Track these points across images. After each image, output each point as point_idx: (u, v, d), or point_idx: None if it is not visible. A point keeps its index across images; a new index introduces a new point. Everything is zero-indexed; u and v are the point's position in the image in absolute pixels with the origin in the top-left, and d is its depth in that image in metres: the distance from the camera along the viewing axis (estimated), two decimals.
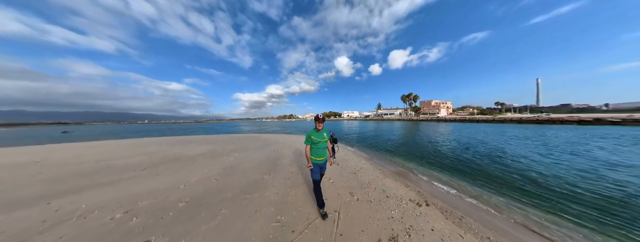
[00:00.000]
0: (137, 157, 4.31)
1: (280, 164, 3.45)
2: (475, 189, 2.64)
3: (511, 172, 3.28)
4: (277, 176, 2.70)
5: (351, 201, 1.93)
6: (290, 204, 1.84)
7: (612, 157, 4.26)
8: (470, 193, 2.48)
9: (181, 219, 1.63)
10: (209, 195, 2.08)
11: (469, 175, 3.23)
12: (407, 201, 1.97)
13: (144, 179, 2.71)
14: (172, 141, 7.43)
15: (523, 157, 4.38)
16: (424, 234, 1.42)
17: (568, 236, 1.63)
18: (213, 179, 2.60)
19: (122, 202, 1.96)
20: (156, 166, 3.46)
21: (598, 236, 1.64)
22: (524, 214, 1.97)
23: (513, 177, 3.03)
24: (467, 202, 2.21)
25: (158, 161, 3.87)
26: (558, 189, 2.54)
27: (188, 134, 12.17)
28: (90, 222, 1.62)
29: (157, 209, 1.81)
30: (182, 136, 10.85)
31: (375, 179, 2.66)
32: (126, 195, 2.15)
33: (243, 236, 1.37)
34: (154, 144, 6.76)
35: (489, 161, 4.15)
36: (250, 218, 1.60)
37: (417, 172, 3.44)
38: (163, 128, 28.54)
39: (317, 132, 1.68)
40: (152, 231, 1.47)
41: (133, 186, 2.46)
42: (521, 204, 2.17)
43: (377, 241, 1.32)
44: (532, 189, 2.56)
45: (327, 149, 1.79)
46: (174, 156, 4.42)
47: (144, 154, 4.73)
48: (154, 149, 5.39)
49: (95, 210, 1.84)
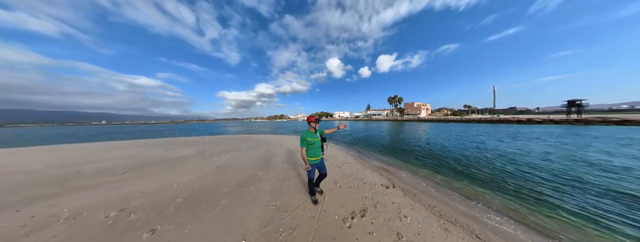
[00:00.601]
0: (111, 161, 4.01)
1: (273, 161, 3.70)
2: (435, 175, 3.35)
3: (450, 158, 4.27)
4: (271, 172, 2.96)
5: (335, 187, 2.34)
6: (283, 192, 2.15)
7: (511, 147, 5.68)
8: (428, 177, 3.16)
9: (183, 211, 1.80)
10: (206, 191, 2.25)
11: (431, 164, 4.02)
12: (378, 186, 2.48)
13: (130, 182, 2.67)
14: (151, 144, 6.87)
15: (466, 149, 5.51)
16: (386, 206, 1.90)
17: (469, 191, 2.44)
18: (207, 178, 2.73)
19: (112, 203, 1.99)
20: (139, 169, 3.35)
21: (488, 194, 2.38)
22: (448, 183, 2.84)
23: (449, 162, 4.10)
24: (422, 185, 2.85)
25: (140, 164, 3.70)
26: (475, 169, 3.49)
27: (166, 136, 11.14)
28: (83, 222, 1.67)
29: (155, 205, 1.92)
30: (162, 138, 9.93)
31: (356, 171, 3.14)
32: (113, 196, 2.16)
33: (244, 219, 1.64)
34: (127, 147, 6.17)
35: (448, 153, 5.11)
36: (248, 206, 1.87)
37: (392, 164, 4.07)
38: (132, 130, 24.79)
39: (312, 133, 1.71)
40: (155, 222, 1.62)
41: (118, 188, 2.44)
42: (452, 180, 2.97)
43: (351, 212, 1.74)
44: (460, 169, 3.52)
45: (321, 147, 1.83)
46: (157, 158, 4.23)
47: (119, 158, 4.40)
48: (129, 153, 5.00)
49: (82, 212, 1.85)
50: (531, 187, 2.66)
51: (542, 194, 2.44)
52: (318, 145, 1.75)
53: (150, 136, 12.89)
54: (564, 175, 3.14)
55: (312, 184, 1.84)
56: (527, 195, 2.42)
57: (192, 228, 1.51)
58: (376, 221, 1.62)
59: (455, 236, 1.47)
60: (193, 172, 3.05)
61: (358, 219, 1.63)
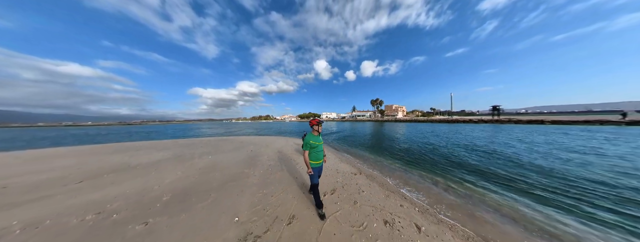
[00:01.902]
0: (51, 173, 3.38)
1: (260, 160, 3.93)
2: (393, 161, 4.31)
3: (409, 149, 5.48)
4: (258, 169, 3.24)
5: None
6: (270, 183, 2.52)
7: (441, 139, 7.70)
8: (388, 165, 4.07)
9: (173, 205, 1.95)
10: (194, 188, 2.39)
11: (393, 154, 5.05)
12: (349, 173, 3.13)
13: (91, 190, 2.47)
14: (105, 150, 5.79)
15: (417, 141, 7.06)
16: (351, 186, 2.53)
17: (409, 171, 3.36)
18: (192, 178, 2.80)
19: (79, 210, 1.91)
20: (98, 177, 3.03)
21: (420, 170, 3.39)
22: (397, 166, 3.72)
23: (404, 151, 5.20)
24: (382, 170, 3.70)
25: (97, 172, 3.31)
26: (419, 154, 4.68)
27: (122, 141, 9.26)
28: (54, 228, 1.63)
29: (139, 205, 1.98)
30: (116, 143, 8.26)
31: (333, 164, 3.74)
32: (77, 204, 2.05)
33: (235, 205, 1.95)
34: (68, 154, 5.09)
35: (408, 146, 6.41)
36: (238, 195, 2.16)
37: (365, 157, 4.90)
38: (51, 135, 17.88)
39: (315, 136, 1.70)
40: (145, 217, 1.74)
41: (79, 196, 2.26)
42: (399, 164, 3.94)
43: (325, 192, 2.28)
44: (401, 154, 4.63)
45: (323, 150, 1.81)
46: (120, 164, 3.81)
47: (62, 168, 3.71)
48: (75, 161, 4.23)
49: (44, 221, 1.75)
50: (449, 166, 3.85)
51: (447, 167, 3.62)
52: (321, 148, 1.75)
53: (90, 141, 10.40)
54: (472, 155, 4.60)
55: (318, 192, 1.72)
56: (441, 171, 3.54)
57: (186, 217, 1.73)
58: (341, 195, 2.20)
59: (392, 199, 2.19)
60: (173, 174, 3.02)
61: (329, 196, 2.18)
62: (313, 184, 1.71)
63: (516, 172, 3.32)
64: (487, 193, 2.52)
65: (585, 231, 1.72)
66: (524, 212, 2.02)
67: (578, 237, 1.64)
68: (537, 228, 1.75)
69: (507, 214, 1.97)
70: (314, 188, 1.72)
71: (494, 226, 1.76)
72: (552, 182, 2.83)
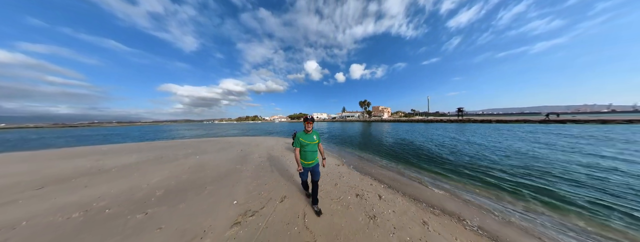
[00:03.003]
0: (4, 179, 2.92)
1: (251, 158, 4.10)
2: (374, 155, 4.99)
3: (387, 144, 6.34)
4: (249, 165, 3.44)
5: None
6: (262, 176, 2.79)
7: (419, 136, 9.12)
8: (365, 157, 4.72)
9: (170, 197, 2.07)
10: (188, 183, 2.50)
11: (375, 149, 5.77)
12: (333, 165, 3.59)
13: (64, 194, 2.30)
14: (60, 155, 4.97)
15: (394, 137, 8.16)
16: (334, 174, 2.99)
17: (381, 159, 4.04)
18: (183, 176, 2.85)
19: (63, 210, 1.88)
20: (66, 181, 2.79)
21: (392, 161, 4.12)
22: (377, 158, 4.38)
23: (384, 147, 5.99)
24: (361, 161, 4.30)
25: (62, 176, 3.01)
26: (400, 149, 5.53)
27: (73, 146, 7.78)
28: (42, 225, 1.62)
29: (131, 201, 2.01)
30: (69, 148, 6.96)
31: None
32: (59, 205, 1.98)
33: (231, 194, 2.18)
34: (6, 161, 4.24)
35: (388, 142, 7.32)
36: (233, 186, 2.39)
37: (350, 152, 5.49)
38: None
39: (306, 134, 1.67)
40: (142, 209, 1.84)
41: (52, 200, 2.14)
42: (379, 156, 4.65)
43: None
44: (382, 148, 5.40)
45: (318, 151, 1.77)
46: (87, 168, 3.48)
47: (7, 175, 3.20)
48: (26, 168, 3.64)
49: (21, 222, 1.70)
50: (416, 156, 4.71)
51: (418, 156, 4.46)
52: (312, 148, 1.68)
53: (16, 147, 8.47)
54: (433, 147, 5.64)
55: (312, 188, 1.76)
56: (404, 160, 4.35)
57: (185, 206, 1.90)
58: (325, 180, 2.63)
59: (365, 181, 2.71)
60: (160, 174, 2.99)
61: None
62: (303, 181, 1.83)
63: (451, 159, 4.34)
64: (428, 173, 3.32)
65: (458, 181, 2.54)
66: (441, 181, 2.85)
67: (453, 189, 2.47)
68: (445, 189, 2.49)
69: (440, 186, 2.70)
70: (305, 184, 1.85)
71: (430, 192, 2.44)
72: (469, 163, 3.87)
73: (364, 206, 1.89)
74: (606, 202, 2.15)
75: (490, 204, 2.10)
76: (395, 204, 1.98)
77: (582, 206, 2.09)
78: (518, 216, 1.88)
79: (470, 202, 2.15)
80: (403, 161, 4.32)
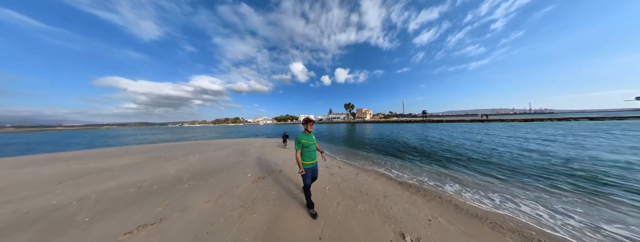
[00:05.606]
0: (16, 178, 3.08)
1: (248, 153, 5.02)
2: (359, 151, 6.51)
3: (362, 141, 8.08)
4: (249, 158, 4.41)
5: (294, 167, 4.43)
6: (265, 162, 3.88)
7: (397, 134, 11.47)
8: (352, 152, 6.22)
9: (197, 177, 2.96)
10: (205, 170, 3.37)
11: (357, 144, 7.35)
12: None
13: (97, 183, 2.86)
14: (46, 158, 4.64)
15: (372, 136, 10.14)
16: (326, 168, 4.31)
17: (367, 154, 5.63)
18: (195, 167, 3.65)
19: (120, 187, 2.56)
20: (80, 177, 3.16)
21: (360, 150, 5.74)
22: (360, 151, 5.94)
23: (373, 143, 7.69)
24: (351, 156, 5.75)
25: (76, 174, 3.35)
26: (380, 145, 7.26)
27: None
28: (109, 196, 2.32)
29: (167, 183, 2.78)
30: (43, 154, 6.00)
31: None
32: (113, 186, 2.58)
33: (244, 172, 3.19)
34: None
35: (369, 138, 9.11)
36: (243, 169, 3.40)
37: (338, 148, 6.91)
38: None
39: (306, 135, 1.72)
40: (183, 183, 2.69)
41: (92, 186, 2.69)
42: (363, 151, 6.22)
43: None
44: (362, 143, 7.08)
45: (316, 151, 1.81)
46: (89, 169, 3.77)
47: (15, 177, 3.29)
48: (26, 171, 3.65)
49: (90, 195, 2.36)
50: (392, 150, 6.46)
51: (398, 150, 6.18)
52: (313, 148, 1.75)
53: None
54: (404, 142, 7.58)
55: (309, 193, 1.73)
56: (377, 151, 6.03)
57: (214, 180, 2.85)
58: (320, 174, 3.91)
59: (348, 167, 4.12)
60: (173, 168, 3.67)
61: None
62: (305, 185, 1.70)
63: (411, 149, 6.30)
64: (390, 159, 5.00)
65: (406, 159, 4.27)
66: (401, 164, 4.53)
67: (401, 164, 4.14)
68: (398, 170, 4.12)
69: (399, 168, 4.32)
70: (306, 189, 1.72)
71: (388, 171, 3.99)
72: (426, 150, 5.84)
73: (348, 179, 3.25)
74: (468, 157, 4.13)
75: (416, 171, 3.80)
76: (369, 176, 3.41)
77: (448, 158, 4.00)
78: (408, 174, 3.58)
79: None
80: (374, 149, 6.00)
